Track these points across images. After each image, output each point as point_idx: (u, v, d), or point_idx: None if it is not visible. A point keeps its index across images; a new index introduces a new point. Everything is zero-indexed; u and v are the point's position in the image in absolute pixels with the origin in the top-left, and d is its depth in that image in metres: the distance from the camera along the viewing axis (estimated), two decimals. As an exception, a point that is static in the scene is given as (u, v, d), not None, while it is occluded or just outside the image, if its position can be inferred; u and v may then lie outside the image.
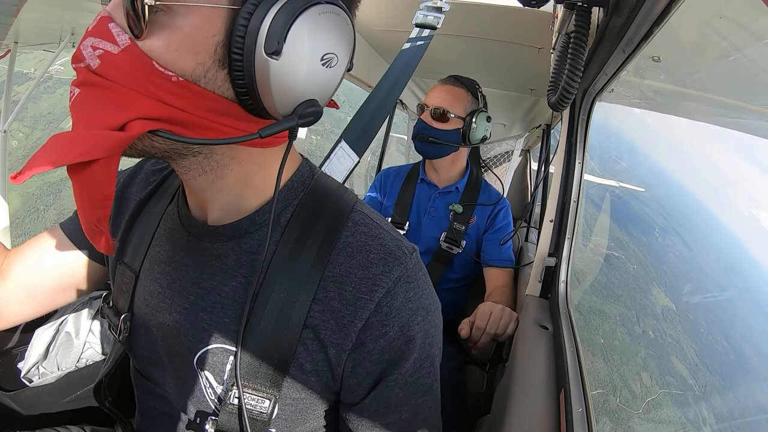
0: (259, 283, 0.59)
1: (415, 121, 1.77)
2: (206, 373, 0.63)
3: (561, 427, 0.83)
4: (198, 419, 0.68)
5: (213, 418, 0.64)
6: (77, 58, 0.46)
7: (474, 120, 1.67)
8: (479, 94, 1.74)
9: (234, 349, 0.60)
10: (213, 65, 0.48)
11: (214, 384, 0.63)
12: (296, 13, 0.46)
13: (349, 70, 0.56)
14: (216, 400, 0.64)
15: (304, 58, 0.48)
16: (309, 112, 0.52)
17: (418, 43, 1.14)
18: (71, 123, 0.48)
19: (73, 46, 3.75)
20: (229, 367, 0.61)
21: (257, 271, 0.58)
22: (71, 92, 0.48)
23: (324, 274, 0.59)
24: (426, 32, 1.15)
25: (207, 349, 0.62)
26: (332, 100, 0.59)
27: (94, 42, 0.46)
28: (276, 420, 0.62)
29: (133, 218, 0.74)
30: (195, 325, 0.63)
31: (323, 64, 0.50)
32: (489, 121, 1.73)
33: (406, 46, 1.15)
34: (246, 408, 0.60)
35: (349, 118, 1.16)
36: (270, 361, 0.59)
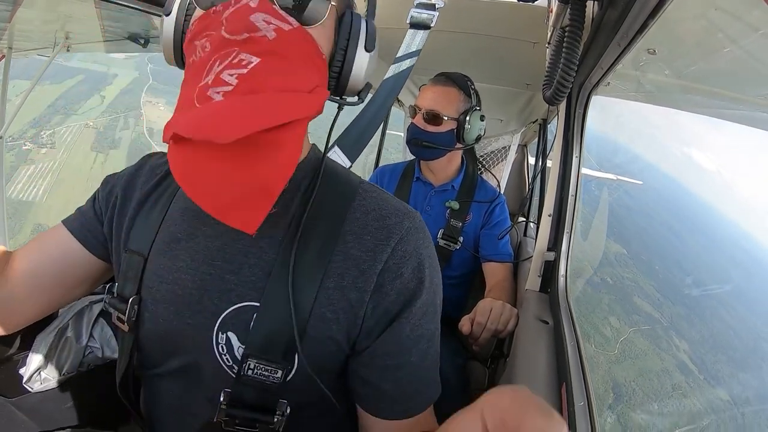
0: (297, 239, 0.65)
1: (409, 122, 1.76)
2: (229, 333, 0.65)
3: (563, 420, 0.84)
4: (211, 393, 0.69)
5: (227, 390, 0.66)
6: (249, 28, 0.53)
7: (468, 119, 1.65)
8: (471, 91, 1.71)
9: (258, 304, 0.64)
10: (327, 56, 0.64)
11: (235, 345, 0.65)
12: (374, 29, 0.68)
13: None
14: (233, 365, 0.65)
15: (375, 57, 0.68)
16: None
17: (413, 46, 1.14)
18: (246, 88, 0.51)
19: (68, 50, 3.73)
20: (252, 323, 0.64)
21: (282, 230, 0.67)
22: (242, 61, 0.52)
23: (343, 228, 0.67)
24: (421, 34, 1.14)
25: (233, 309, 0.65)
26: None
27: (266, 17, 0.54)
28: (288, 391, 0.66)
29: (138, 208, 0.76)
30: (221, 288, 0.66)
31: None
32: (483, 120, 1.71)
33: (401, 50, 1.14)
34: (259, 379, 0.64)
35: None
36: (289, 319, 0.62)
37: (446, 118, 1.65)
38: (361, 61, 0.66)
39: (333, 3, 0.62)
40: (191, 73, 0.55)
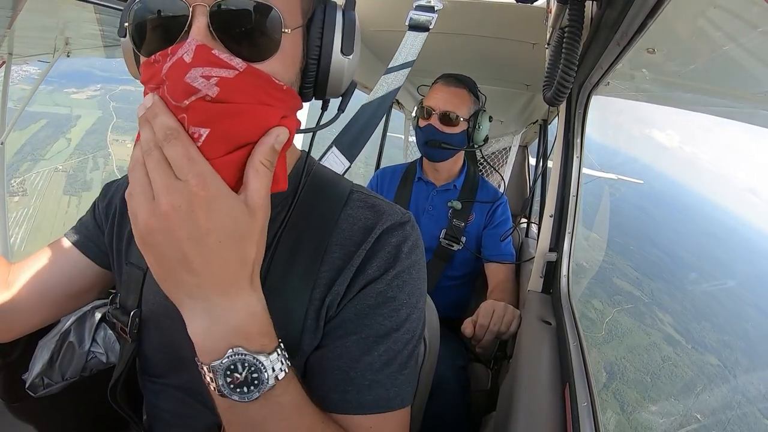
0: (270, 256, 0.64)
1: (415, 121, 1.77)
2: None
3: (567, 421, 0.83)
4: (212, 402, 0.68)
5: None
6: (187, 91, 0.46)
7: (478, 121, 1.70)
8: (479, 93, 1.76)
9: None
10: (298, 70, 0.61)
11: None
12: (353, 22, 0.64)
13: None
14: None
15: (358, 52, 0.65)
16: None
17: (412, 47, 1.14)
18: (207, 156, 0.48)
19: (68, 56, 3.74)
20: None
21: (270, 245, 0.64)
22: (194, 134, 0.47)
23: (330, 240, 0.66)
24: (419, 36, 1.14)
25: None
26: None
27: (204, 71, 0.47)
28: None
29: None
30: None
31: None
32: (490, 121, 1.76)
33: (400, 51, 1.14)
34: None
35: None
36: (281, 334, 0.59)
37: (461, 120, 1.68)
38: (338, 66, 0.63)
39: (286, 30, 0.56)
40: None
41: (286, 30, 0.56)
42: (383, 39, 1.99)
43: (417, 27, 1.14)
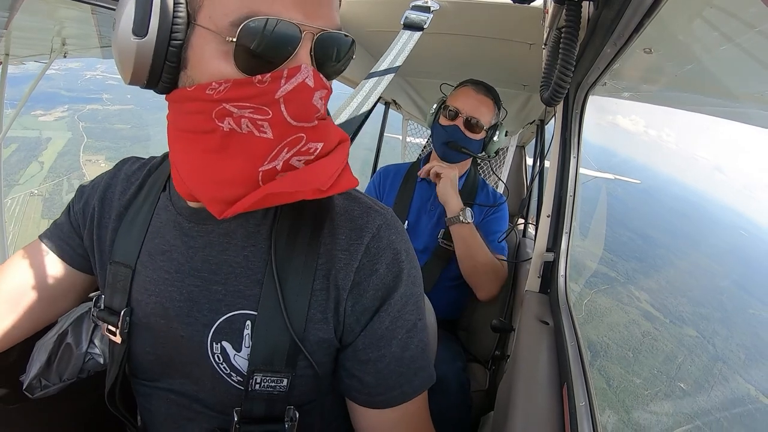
0: (272, 251, 0.66)
1: (432, 118, 1.79)
2: (223, 343, 0.66)
3: (565, 421, 0.83)
4: (211, 402, 0.71)
5: (237, 408, 0.66)
6: (314, 112, 0.56)
7: (497, 133, 1.75)
8: (501, 106, 1.82)
9: (251, 312, 0.66)
10: None
11: (231, 353, 0.66)
12: None
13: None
14: (231, 373, 0.66)
15: None
16: None
17: (405, 45, 1.14)
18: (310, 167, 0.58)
19: (65, 57, 3.73)
20: (247, 331, 0.65)
21: (266, 240, 0.68)
22: (310, 149, 0.57)
23: (322, 232, 0.69)
24: (413, 35, 1.14)
25: (223, 318, 0.66)
26: None
27: (321, 93, 0.57)
28: (293, 395, 0.67)
29: (119, 220, 0.75)
30: (210, 299, 0.66)
31: None
32: (506, 135, 1.81)
33: (392, 48, 1.14)
34: (266, 391, 0.65)
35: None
36: (290, 313, 0.64)
37: (484, 128, 1.74)
38: None
39: (353, 57, 0.65)
40: (239, 147, 0.55)
41: (354, 56, 0.65)
42: (380, 39, 1.98)
43: (411, 26, 1.14)
